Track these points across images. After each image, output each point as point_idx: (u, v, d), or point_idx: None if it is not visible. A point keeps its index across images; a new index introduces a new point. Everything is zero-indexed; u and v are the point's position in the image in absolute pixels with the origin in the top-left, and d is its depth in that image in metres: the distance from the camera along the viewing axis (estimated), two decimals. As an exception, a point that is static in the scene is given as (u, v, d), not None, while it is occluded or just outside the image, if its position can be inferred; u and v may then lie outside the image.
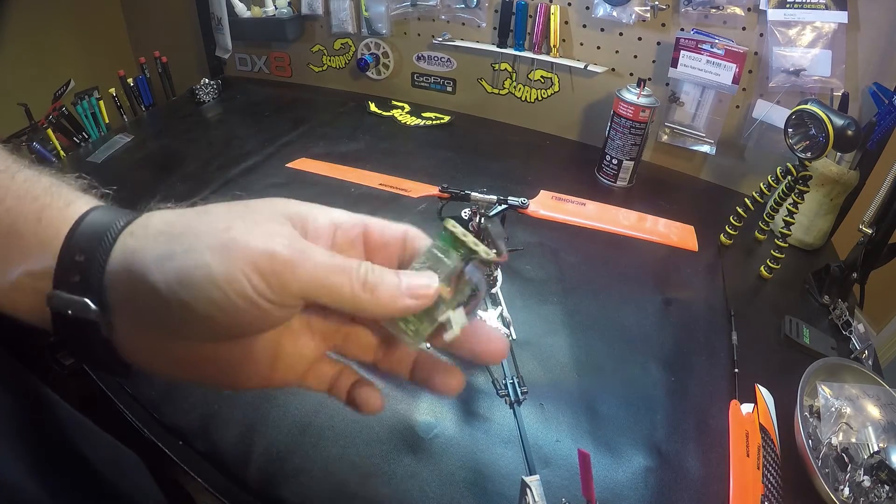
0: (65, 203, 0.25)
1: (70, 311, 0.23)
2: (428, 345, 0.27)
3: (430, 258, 0.25)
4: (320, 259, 0.23)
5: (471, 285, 0.26)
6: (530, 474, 0.43)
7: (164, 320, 0.23)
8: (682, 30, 0.91)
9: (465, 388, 0.57)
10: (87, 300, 0.23)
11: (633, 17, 0.92)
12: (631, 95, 0.88)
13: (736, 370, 0.62)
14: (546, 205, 0.63)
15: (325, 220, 0.25)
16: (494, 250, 0.25)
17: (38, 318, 0.24)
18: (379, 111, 1.17)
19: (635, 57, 0.98)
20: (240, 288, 0.21)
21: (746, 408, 0.57)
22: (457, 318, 0.25)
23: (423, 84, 1.21)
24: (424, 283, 0.24)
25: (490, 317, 0.56)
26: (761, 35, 0.86)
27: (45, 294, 0.23)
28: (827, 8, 0.79)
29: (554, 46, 1.01)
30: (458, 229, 0.25)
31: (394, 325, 0.26)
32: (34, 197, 0.24)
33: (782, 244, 0.75)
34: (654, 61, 0.97)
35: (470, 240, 0.25)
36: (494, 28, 1.06)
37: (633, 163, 0.94)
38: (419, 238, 0.27)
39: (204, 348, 0.24)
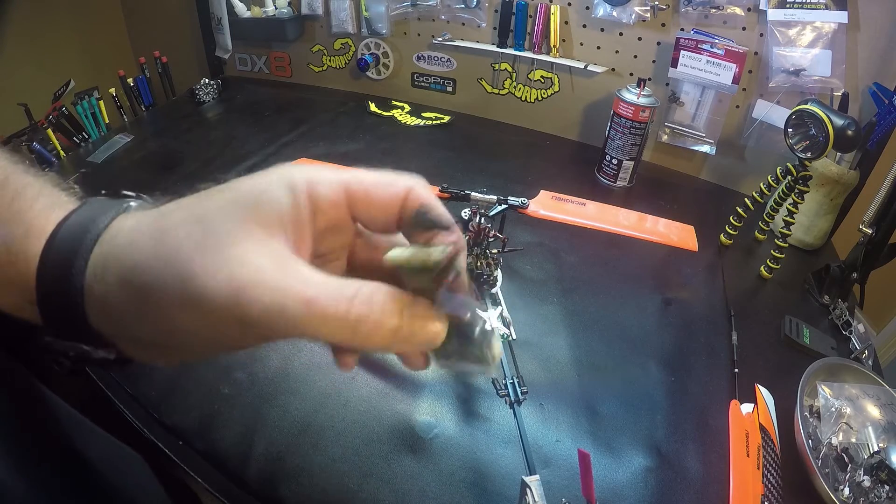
0: (23, 233, 0.23)
1: (68, 359, 0.23)
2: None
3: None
4: (302, 305, 0.19)
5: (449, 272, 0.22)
6: (530, 474, 0.43)
7: (148, 342, 0.23)
8: (682, 30, 0.91)
9: (465, 388, 0.58)
10: (77, 344, 0.23)
11: (633, 17, 0.92)
12: (631, 95, 0.88)
13: (736, 370, 0.62)
14: (546, 205, 0.63)
15: (303, 196, 0.22)
16: (443, 246, 0.21)
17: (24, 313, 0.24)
18: (379, 111, 1.17)
19: (635, 57, 0.98)
20: (212, 341, 0.21)
21: (746, 408, 0.57)
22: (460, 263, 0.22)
23: (423, 84, 1.21)
24: (433, 330, 0.21)
25: (490, 317, 0.56)
26: (761, 35, 0.86)
27: (44, 339, 0.23)
28: (827, 8, 0.79)
29: (554, 46, 1.01)
30: (401, 256, 0.21)
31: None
32: (8, 218, 0.23)
33: (782, 244, 0.75)
34: (654, 61, 0.97)
35: (417, 259, 0.21)
36: (494, 28, 1.06)
37: (633, 163, 0.94)
38: (424, 197, 0.23)
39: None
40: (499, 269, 0.60)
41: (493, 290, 0.59)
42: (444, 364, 0.23)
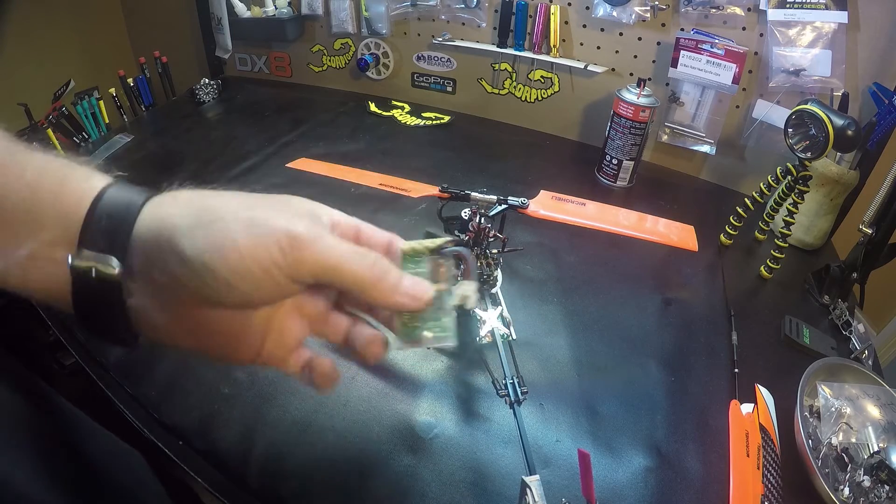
0: (84, 177, 0.26)
1: (95, 270, 0.24)
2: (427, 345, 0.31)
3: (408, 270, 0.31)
4: (335, 243, 0.26)
5: (451, 265, 0.31)
6: (530, 474, 0.43)
7: (184, 283, 0.24)
8: (682, 30, 0.91)
9: (465, 388, 0.58)
10: (113, 257, 0.24)
11: (633, 17, 0.92)
12: (631, 95, 0.88)
13: (736, 370, 0.62)
14: (546, 205, 0.63)
15: (326, 218, 0.28)
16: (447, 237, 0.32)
17: (50, 290, 0.25)
18: (379, 111, 1.17)
19: (635, 57, 0.98)
20: (261, 260, 0.24)
21: (746, 408, 0.57)
22: (464, 290, 0.31)
23: (423, 84, 1.21)
24: (423, 288, 0.29)
25: (490, 317, 0.56)
26: (761, 35, 0.86)
27: (70, 255, 0.24)
28: (827, 8, 0.79)
29: (554, 46, 1.01)
30: (407, 246, 0.31)
31: (391, 320, 0.30)
32: (54, 171, 0.25)
33: (782, 244, 0.75)
34: (654, 61, 0.97)
35: (423, 247, 0.31)
36: (494, 28, 1.06)
37: (633, 163, 0.94)
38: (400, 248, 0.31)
39: (209, 319, 0.26)
40: (499, 269, 0.60)
41: (493, 291, 0.59)
42: (407, 337, 0.31)
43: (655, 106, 0.89)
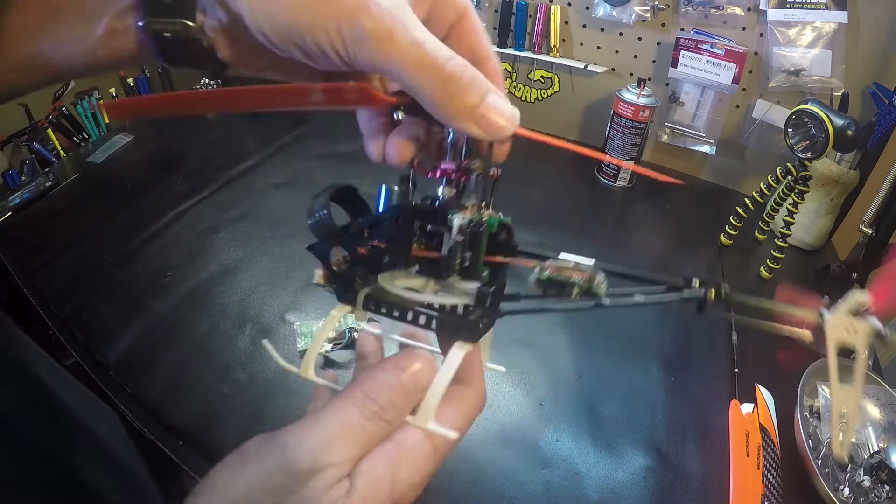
0: None
1: (168, 34, 0.23)
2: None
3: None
4: (407, 42, 0.21)
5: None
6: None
7: (246, 37, 0.23)
8: (682, 30, 0.91)
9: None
10: (183, 21, 0.23)
11: (633, 17, 0.92)
12: (631, 95, 0.88)
13: (736, 370, 0.62)
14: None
15: None
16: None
17: (139, 55, 0.24)
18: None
19: (635, 57, 0.98)
20: (320, 41, 0.22)
21: (746, 408, 0.57)
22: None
23: (423, 84, 1.21)
24: (507, 113, 0.22)
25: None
26: (761, 35, 0.86)
27: (138, 24, 0.23)
28: (827, 8, 0.79)
29: (554, 46, 1.01)
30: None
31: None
32: None
33: (782, 244, 0.75)
34: (654, 61, 0.97)
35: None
36: (494, 28, 1.06)
37: (633, 163, 0.94)
38: (474, 22, 0.26)
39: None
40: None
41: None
42: None
43: (655, 106, 0.89)
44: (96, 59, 0.24)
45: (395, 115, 0.26)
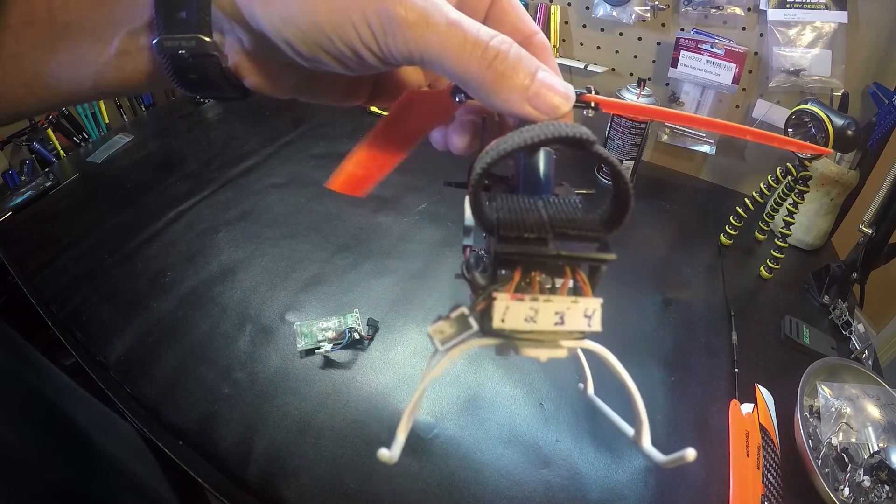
0: None
1: (183, 51, 0.22)
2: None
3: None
4: (442, 24, 0.19)
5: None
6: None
7: (271, 54, 0.22)
8: (682, 30, 0.91)
9: (465, 388, 0.58)
10: (198, 35, 0.22)
11: (633, 17, 0.92)
12: (631, 95, 0.88)
13: (736, 370, 0.62)
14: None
15: None
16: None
17: (151, 78, 0.24)
18: (379, 111, 1.17)
19: (635, 57, 0.98)
20: (349, 38, 0.20)
21: (746, 408, 0.57)
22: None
23: (423, 84, 1.21)
24: (564, 91, 0.21)
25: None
26: (761, 35, 0.86)
27: (156, 39, 0.22)
28: (827, 8, 0.79)
29: (554, 46, 1.01)
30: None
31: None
32: None
33: (782, 244, 0.75)
34: (654, 61, 0.97)
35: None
36: (494, 28, 1.06)
37: (633, 163, 0.94)
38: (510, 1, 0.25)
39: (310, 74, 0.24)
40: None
41: None
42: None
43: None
44: (104, 82, 0.23)
45: (456, 98, 0.24)
